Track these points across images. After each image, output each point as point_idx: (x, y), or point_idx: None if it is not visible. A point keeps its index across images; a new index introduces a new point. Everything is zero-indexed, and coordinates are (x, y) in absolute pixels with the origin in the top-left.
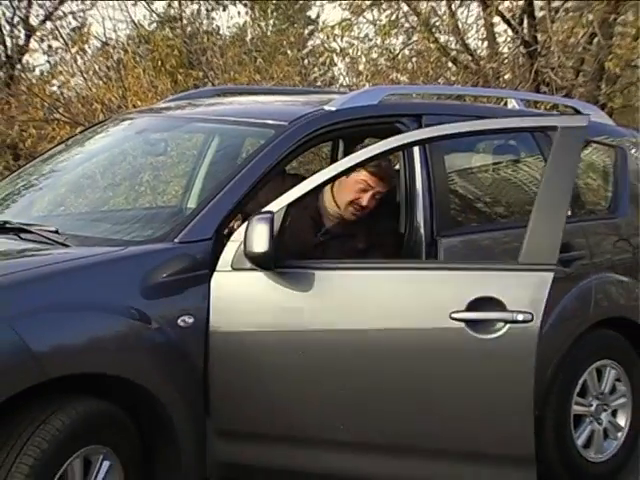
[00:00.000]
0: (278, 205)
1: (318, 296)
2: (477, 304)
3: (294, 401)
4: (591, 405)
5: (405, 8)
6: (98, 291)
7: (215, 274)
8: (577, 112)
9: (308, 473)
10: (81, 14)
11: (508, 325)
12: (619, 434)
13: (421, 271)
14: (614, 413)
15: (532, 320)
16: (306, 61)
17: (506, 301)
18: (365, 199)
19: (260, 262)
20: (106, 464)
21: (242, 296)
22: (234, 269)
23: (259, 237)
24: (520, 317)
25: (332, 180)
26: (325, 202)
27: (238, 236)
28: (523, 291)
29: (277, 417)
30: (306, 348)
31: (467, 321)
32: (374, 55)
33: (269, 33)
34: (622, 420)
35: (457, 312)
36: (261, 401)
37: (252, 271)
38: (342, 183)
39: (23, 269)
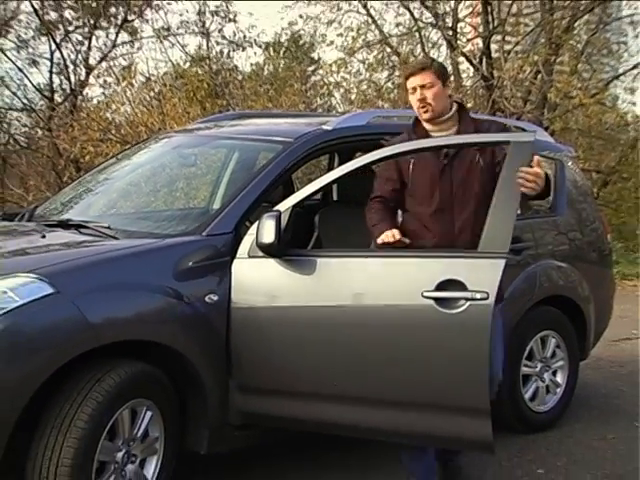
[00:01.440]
0: (285, 205)
1: (315, 278)
2: (444, 285)
3: (296, 363)
4: (536, 367)
5: (388, 50)
6: (141, 273)
7: (235, 261)
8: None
9: (305, 420)
10: (129, 56)
11: (469, 302)
12: (558, 390)
13: (400, 258)
14: (554, 373)
15: (488, 298)
16: (309, 92)
17: (467, 282)
18: (417, 94)
19: (268, 250)
20: (149, 414)
21: (256, 278)
22: (250, 257)
23: (268, 230)
24: (478, 296)
25: (332, 184)
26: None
27: (253, 230)
28: (481, 274)
29: (283, 376)
30: (305, 320)
31: (435, 299)
32: (364, 87)
33: (279, 70)
34: (560, 378)
35: (428, 291)
36: (270, 363)
37: (264, 258)
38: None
39: (82, 256)
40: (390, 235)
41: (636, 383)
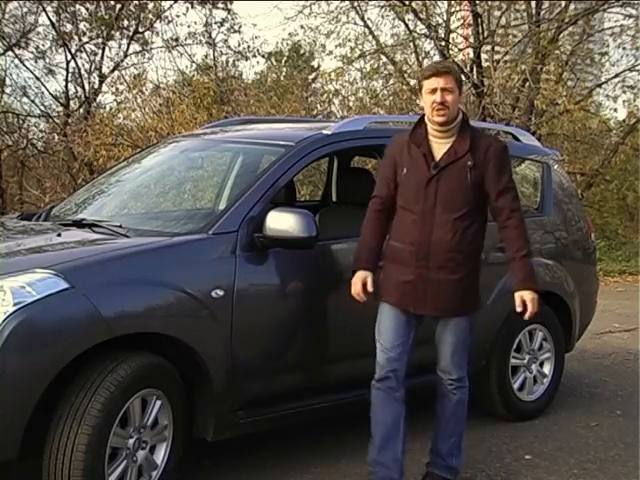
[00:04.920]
0: None
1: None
2: None
3: (286, 345)
4: (524, 359)
5: (384, 59)
6: (151, 269)
7: (238, 257)
8: (514, 137)
9: (292, 386)
10: (140, 65)
11: None
12: (544, 380)
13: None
14: (541, 364)
15: None
16: (310, 99)
17: None
18: (437, 96)
19: (308, 243)
20: (158, 403)
21: (257, 273)
22: (252, 254)
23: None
24: None
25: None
26: (425, 124)
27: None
28: None
29: (277, 356)
30: (295, 309)
31: None
32: (360, 94)
33: (282, 78)
34: (547, 369)
35: None
36: (268, 348)
37: (263, 255)
38: (422, 99)
39: (95, 254)
40: (355, 293)
41: (618, 374)
